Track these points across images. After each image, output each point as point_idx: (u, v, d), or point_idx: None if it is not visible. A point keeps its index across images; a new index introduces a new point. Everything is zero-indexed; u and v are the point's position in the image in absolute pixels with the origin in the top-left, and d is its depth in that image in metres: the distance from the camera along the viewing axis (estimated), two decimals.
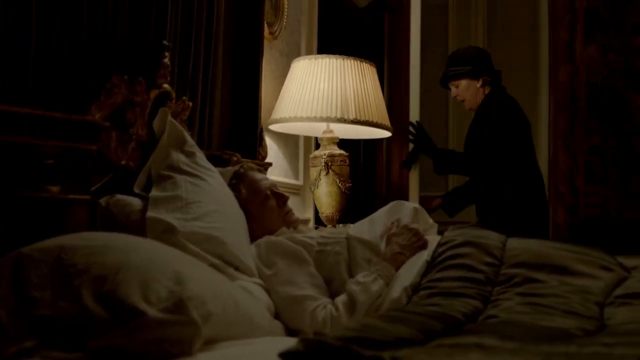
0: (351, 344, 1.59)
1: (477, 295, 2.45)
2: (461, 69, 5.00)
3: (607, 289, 2.49)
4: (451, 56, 5.19)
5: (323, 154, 4.26)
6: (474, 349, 1.62)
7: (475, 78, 4.99)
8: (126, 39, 2.85)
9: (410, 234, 2.84)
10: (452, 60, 5.12)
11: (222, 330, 2.06)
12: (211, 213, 2.67)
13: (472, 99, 5.02)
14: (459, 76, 5.02)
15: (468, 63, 5.00)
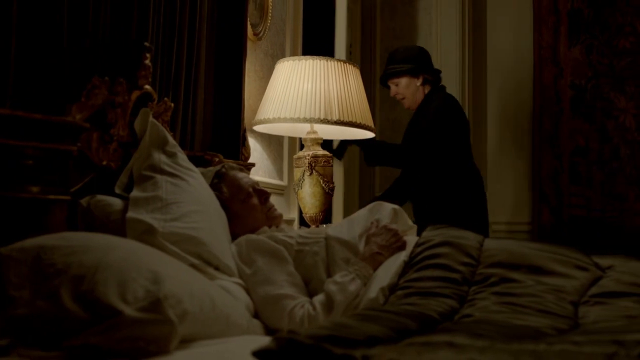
0: (323, 342, 1.62)
1: (454, 294, 2.48)
2: (401, 66, 4.92)
3: (582, 289, 2.52)
4: (391, 55, 5.11)
5: (307, 154, 4.29)
6: (444, 347, 1.65)
7: (415, 76, 4.92)
8: (107, 40, 2.86)
9: (389, 234, 2.86)
10: (392, 59, 5.05)
11: (199, 328, 2.08)
12: (191, 213, 2.69)
13: (412, 97, 4.95)
14: (399, 74, 4.94)
15: (408, 61, 4.94)
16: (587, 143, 6.51)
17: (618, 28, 6.49)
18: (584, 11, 6.57)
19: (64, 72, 2.64)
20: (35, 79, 2.53)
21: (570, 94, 6.57)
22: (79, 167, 2.69)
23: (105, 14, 2.90)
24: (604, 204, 6.45)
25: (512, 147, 6.60)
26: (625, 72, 6.45)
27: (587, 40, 6.56)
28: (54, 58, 2.61)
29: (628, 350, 1.66)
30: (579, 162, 6.52)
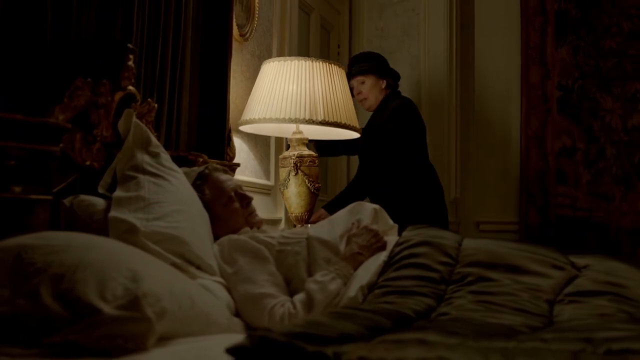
0: (296, 339, 1.65)
1: (431, 293, 2.51)
2: (370, 64, 5.09)
3: (558, 287, 2.56)
4: (355, 57, 5.29)
5: (292, 154, 4.32)
6: (414, 344, 1.68)
7: (382, 77, 5.11)
8: (91, 42, 2.89)
9: (370, 235, 2.90)
10: (357, 59, 5.20)
11: (178, 326, 2.11)
12: (173, 213, 2.71)
13: (374, 98, 5.09)
14: (368, 71, 5.09)
15: (374, 61, 5.12)
16: (574, 143, 6.55)
17: (604, 29, 6.53)
18: (571, 12, 6.61)
19: (47, 73, 2.66)
20: (18, 79, 2.54)
21: (557, 94, 6.61)
22: (62, 167, 2.71)
23: (89, 15, 2.92)
24: (591, 204, 6.49)
25: (500, 147, 6.63)
26: (612, 72, 6.49)
27: (574, 41, 6.60)
28: (37, 59, 2.63)
29: (595, 347, 1.70)
30: (566, 162, 6.56)
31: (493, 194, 6.62)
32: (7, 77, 2.52)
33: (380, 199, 4.71)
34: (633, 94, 6.45)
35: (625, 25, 6.49)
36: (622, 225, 6.39)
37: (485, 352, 1.60)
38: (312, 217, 4.48)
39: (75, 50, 2.82)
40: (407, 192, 4.83)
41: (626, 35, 6.49)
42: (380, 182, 4.85)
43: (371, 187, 4.90)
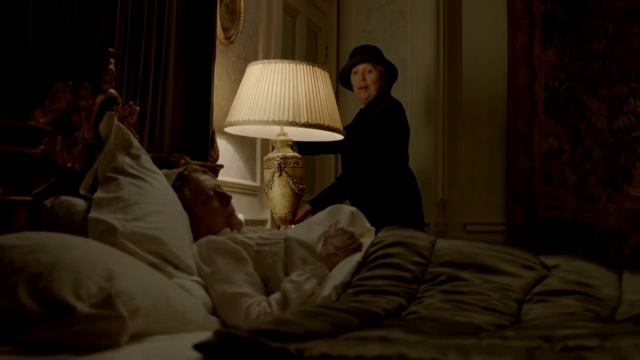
0: (261, 336, 1.71)
1: (403, 292, 2.57)
2: (384, 58, 5.18)
3: (527, 287, 2.62)
4: (368, 45, 5.36)
5: (276, 156, 4.37)
6: (376, 341, 1.74)
7: (386, 74, 5.18)
8: (73, 45, 2.94)
9: (346, 236, 2.96)
10: (372, 47, 5.27)
11: (152, 324, 2.17)
12: (152, 214, 2.77)
13: (374, 91, 5.10)
14: (380, 63, 5.14)
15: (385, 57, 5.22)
16: (560, 144, 6.62)
17: (590, 32, 6.60)
18: (558, 15, 6.68)
19: (28, 77, 2.71)
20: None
21: (544, 96, 6.69)
22: (44, 168, 2.75)
23: (71, 19, 2.97)
24: (577, 205, 6.55)
25: (487, 149, 6.70)
26: (598, 74, 6.56)
27: (560, 43, 6.67)
28: (19, 63, 2.68)
29: (552, 344, 1.76)
30: (552, 163, 6.62)
31: (480, 195, 6.69)
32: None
33: (361, 198, 4.81)
34: (618, 95, 6.51)
35: (611, 28, 6.56)
36: (608, 226, 6.46)
37: (443, 349, 1.65)
38: (298, 213, 4.55)
39: (56, 54, 2.87)
40: (387, 194, 4.89)
41: (612, 37, 6.56)
42: (363, 181, 4.91)
43: (355, 186, 4.93)
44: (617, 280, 2.70)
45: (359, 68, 5.10)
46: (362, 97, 5.15)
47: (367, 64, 5.09)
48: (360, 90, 5.14)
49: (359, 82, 5.11)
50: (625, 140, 6.51)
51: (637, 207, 6.43)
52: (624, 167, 6.50)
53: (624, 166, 6.50)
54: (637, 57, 6.52)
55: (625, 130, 6.51)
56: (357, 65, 5.11)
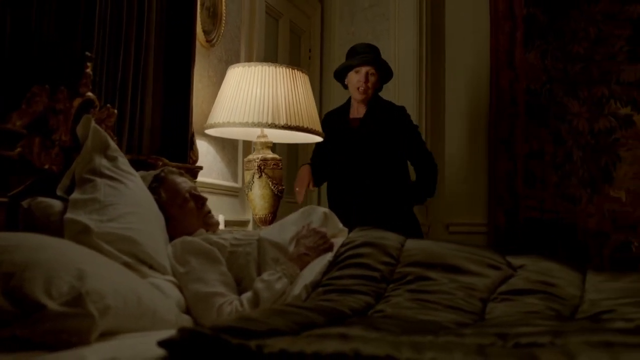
0: (222, 333, 1.77)
1: (371, 291, 2.63)
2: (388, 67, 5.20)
3: (493, 286, 2.69)
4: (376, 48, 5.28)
5: (256, 157, 4.43)
6: (335, 338, 1.79)
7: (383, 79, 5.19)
8: (49, 50, 2.99)
9: (317, 236, 3.03)
10: (376, 50, 5.24)
11: (123, 322, 2.22)
12: (127, 215, 2.82)
13: (370, 94, 5.07)
14: (381, 70, 5.14)
15: None
16: (542, 146, 6.69)
17: (572, 34, 6.67)
18: (539, 17, 6.76)
19: (4, 81, 2.77)
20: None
21: (526, 98, 6.77)
22: (21, 170, 2.81)
23: (49, 23, 3.02)
24: (558, 206, 6.63)
25: (469, 150, 6.76)
26: (579, 77, 6.64)
27: (542, 45, 6.75)
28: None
29: (506, 342, 1.82)
30: (534, 165, 6.70)
31: (463, 197, 6.75)
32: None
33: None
34: (599, 98, 6.59)
35: (592, 31, 6.64)
36: (589, 227, 6.54)
37: (397, 346, 1.71)
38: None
39: (33, 57, 2.93)
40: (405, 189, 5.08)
41: (592, 40, 6.64)
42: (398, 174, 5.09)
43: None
44: (580, 280, 2.77)
45: (361, 69, 5.05)
46: (359, 98, 5.08)
47: (368, 67, 5.06)
48: (358, 90, 5.05)
49: (360, 83, 5.04)
50: (605, 142, 6.59)
51: (618, 208, 6.51)
52: (604, 169, 6.58)
53: (605, 168, 6.58)
54: (618, 59, 6.60)
55: (605, 132, 6.59)
56: (361, 66, 5.06)
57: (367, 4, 6.82)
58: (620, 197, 6.55)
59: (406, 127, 5.10)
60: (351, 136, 5.01)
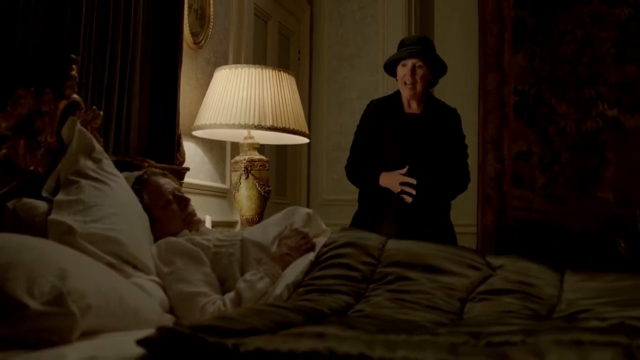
0: (200, 332, 1.80)
1: (351, 291, 2.67)
2: (440, 59, 4.69)
3: (472, 286, 2.72)
4: (428, 39, 4.78)
5: (243, 159, 4.47)
6: (311, 337, 1.83)
7: (433, 74, 4.70)
8: (34, 53, 3.02)
9: (299, 237, 3.07)
10: (431, 44, 4.72)
11: (105, 321, 2.26)
12: (111, 216, 2.86)
13: (423, 88, 4.59)
14: (435, 62, 4.67)
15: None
16: (530, 147, 6.74)
17: (560, 36, 6.72)
18: (528, 19, 6.80)
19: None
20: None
21: (514, 99, 6.81)
22: (6, 172, 2.84)
23: (35, 25, 3.05)
24: (546, 207, 6.67)
25: None
26: (567, 78, 6.69)
27: (530, 47, 6.79)
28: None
29: (478, 340, 1.86)
30: (522, 166, 6.74)
31: None
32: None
33: None
34: (587, 99, 6.63)
35: (580, 33, 6.69)
36: (576, 227, 6.58)
37: (371, 344, 1.75)
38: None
39: (19, 60, 2.96)
40: None
41: (580, 42, 6.68)
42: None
43: None
44: (558, 280, 2.81)
45: (409, 62, 4.57)
46: (406, 93, 4.61)
47: (416, 59, 4.56)
48: (405, 85, 4.58)
49: (407, 77, 4.57)
50: (593, 143, 6.63)
51: (605, 209, 6.55)
52: (592, 170, 6.62)
53: (592, 169, 6.62)
54: (606, 61, 6.64)
55: (593, 133, 6.64)
56: (407, 58, 4.58)
57: (356, 6, 6.86)
58: (607, 198, 6.59)
59: (457, 133, 4.73)
60: (407, 128, 4.59)
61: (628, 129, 6.58)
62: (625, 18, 6.62)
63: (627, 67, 6.62)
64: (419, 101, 4.64)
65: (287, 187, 6.55)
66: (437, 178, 4.53)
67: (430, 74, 4.62)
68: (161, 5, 4.01)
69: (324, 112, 6.86)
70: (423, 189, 4.44)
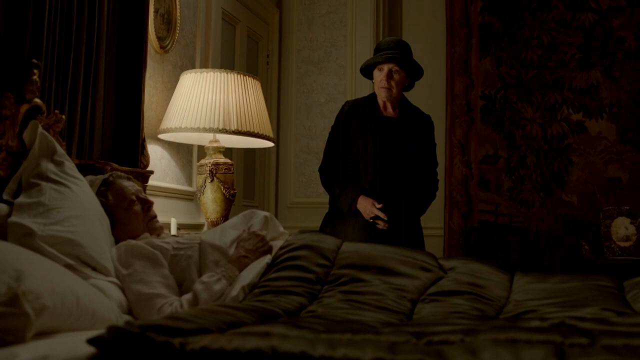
0: (149, 331, 1.86)
1: (306, 293, 2.74)
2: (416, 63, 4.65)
3: (423, 288, 2.80)
4: (405, 43, 4.70)
5: (208, 162, 4.52)
6: (257, 336, 1.89)
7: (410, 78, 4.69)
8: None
9: (257, 239, 3.13)
10: (407, 48, 4.66)
11: (61, 322, 2.31)
12: (70, 218, 2.90)
13: (397, 93, 4.60)
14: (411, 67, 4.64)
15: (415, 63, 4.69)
16: (496, 151, 6.84)
17: (526, 41, 6.84)
18: (494, 25, 6.91)
19: None
20: None
21: (481, 103, 6.92)
22: None
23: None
24: (512, 210, 6.78)
25: None
26: (532, 83, 6.81)
27: (497, 52, 6.91)
28: None
29: (419, 340, 1.92)
30: (488, 170, 6.84)
31: None
32: None
33: None
34: (552, 104, 6.76)
35: (545, 38, 6.81)
36: (541, 230, 6.69)
37: (313, 343, 1.81)
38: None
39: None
40: None
41: (546, 47, 6.81)
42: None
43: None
44: (508, 281, 2.89)
45: (385, 67, 4.56)
46: (383, 96, 4.59)
47: (391, 64, 4.56)
48: (383, 89, 4.57)
49: (386, 81, 4.56)
50: (558, 147, 6.76)
51: (570, 212, 6.67)
52: (557, 174, 6.74)
53: (557, 172, 6.74)
54: (570, 66, 6.77)
55: (558, 137, 6.76)
56: (383, 63, 4.58)
57: (325, 10, 6.92)
58: (572, 201, 6.71)
59: (430, 141, 4.78)
60: (385, 130, 4.59)
61: (592, 133, 6.70)
62: (589, 24, 6.74)
63: (591, 73, 6.74)
64: (395, 105, 4.66)
65: (256, 190, 6.60)
66: (409, 184, 4.56)
67: (406, 78, 4.63)
68: (126, 10, 4.05)
69: (292, 115, 6.91)
70: (395, 193, 4.50)
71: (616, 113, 6.67)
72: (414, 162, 4.59)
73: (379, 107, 4.67)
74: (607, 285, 2.81)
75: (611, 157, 6.68)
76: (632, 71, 6.67)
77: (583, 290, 2.72)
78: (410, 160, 4.58)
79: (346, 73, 6.75)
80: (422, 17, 7.15)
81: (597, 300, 2.60)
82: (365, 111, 4.67)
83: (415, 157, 4.60)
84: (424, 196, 4.71)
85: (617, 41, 6.72)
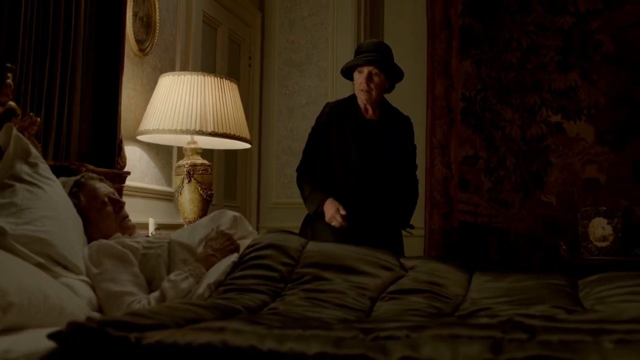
0: (106, 326, 1.95)
1: (269, 291, 2.82)
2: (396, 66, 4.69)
3: (383, 286, 2.89)
4: (385, 46, 4.72)
5: (185, 163, 4.61)
6: (211, 331, 1.98)
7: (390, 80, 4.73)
8: None
9: (224, 238, 3.22)
10: (387, 51, 4.69)
11: (28, 318, 2.38)
12: (42, 218, 2.97)
13: (377, 96, 4.63)
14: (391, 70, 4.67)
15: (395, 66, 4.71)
16: (476, 152, 6.93)
17: (505, 43, 6.93)
18: (475, 27, 6.99)
19: None
20: None
21: (461, 105, 7.00)
22: None
23: None
24: (491, 210, 6.86)
25: None
26: (512, 85, 6.90)
27: (477, 54, 6.99)
28: None
29: (367, 335, 2.00)
30: (468, 170, 6.93)
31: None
32: None
33: None
34: (531, 105, 6.85)
35: (524, 41, 6.89)
36: (520, 230, 6.78)
37: (262, 337, 1.90)
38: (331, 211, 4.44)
39: None
40: None
41: (525, 50, 6.90)
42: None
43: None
44: (466, 280, 2.98)
45: (363, 69, 4.60)
46: (363, 99, 4.63)
47: (372, 67, 4.58)
48: (363, 91, 4.60)
49: (366, 84, 4.59)
50: (537, 148, 6.84)
51: (549, 213, 6.76)
52: (536, 175, 6.83)
53: (536, 173, 6.83)
54: (549, 69, 6.86)
55: (537, 139, 6.85)
56: (363, 66, 4.60)
57: (307, 12, 7.00)
58: (551, 202, 6.79)
59: (410, 144, 4.84)
60: (366, 132, 4.63)
61: (570, 135, 6.78)
62: (568, 27, 6.83)
63: (569, 75, 6.83)
64: (375, 107, 4.69)
65: (237, 191, 6.68)
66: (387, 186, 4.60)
67: (386, 81, 4.66)
68: (103, 13, 4.13)
69: (274, 117, 6.99)
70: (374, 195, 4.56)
71: (594, 115, 6.74)
72: (392, 164, 4.63)
73: (359, 109, 4.70)
74: (561, 283, 2.89)
75: (589, 158, 6.75)
76: (610, 74, 6.74)
77: (537, 289, 2.80)
78: (388, 162, 4.62)
79: (327, 75, 6.84)
80: (403, 20, 7.24)
81: (550, 298, 2.67)
82: (346, 113, 4.70)
83: (393, 159, 4.64)
84: (406, 204, 4.74)
85: (595, 44, 6.80)
